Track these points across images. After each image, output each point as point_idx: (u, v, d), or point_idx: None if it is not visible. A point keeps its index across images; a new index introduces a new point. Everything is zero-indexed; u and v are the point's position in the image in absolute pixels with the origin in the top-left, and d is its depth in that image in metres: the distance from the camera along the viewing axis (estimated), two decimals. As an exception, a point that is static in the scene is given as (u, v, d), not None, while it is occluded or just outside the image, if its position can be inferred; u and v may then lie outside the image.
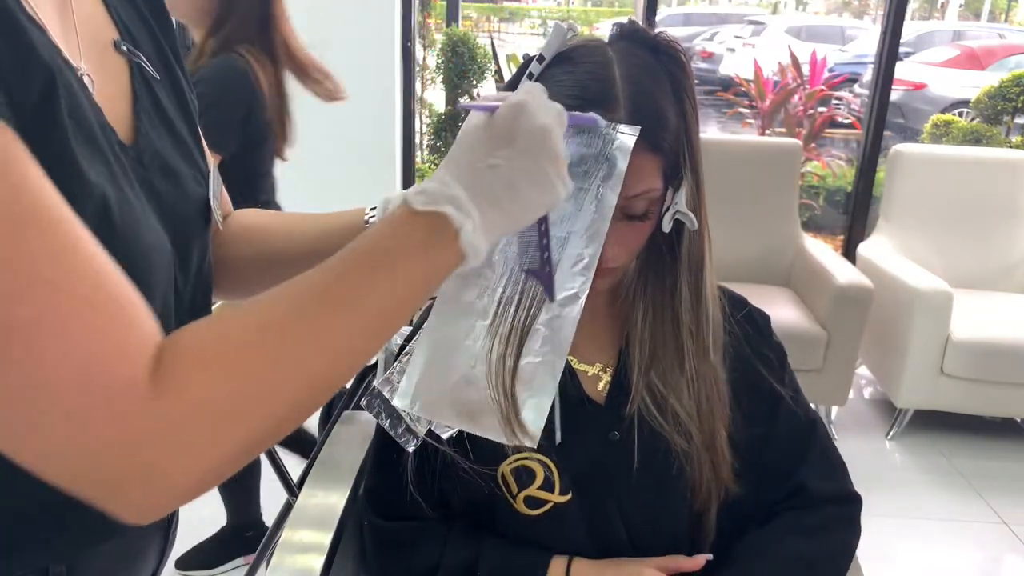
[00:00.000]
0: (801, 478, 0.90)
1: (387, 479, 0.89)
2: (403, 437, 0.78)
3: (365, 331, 0.52)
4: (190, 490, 0.47)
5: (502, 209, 0.57)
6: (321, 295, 0.51)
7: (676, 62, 0.77)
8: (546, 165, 0.58)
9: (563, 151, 0.60)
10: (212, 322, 0.50)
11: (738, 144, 3.24)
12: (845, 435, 2.83)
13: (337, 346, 0.50)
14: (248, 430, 0.48)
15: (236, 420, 0.47)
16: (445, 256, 0.54)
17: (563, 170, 0.60)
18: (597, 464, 0.85)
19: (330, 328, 0.50)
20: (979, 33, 9.77)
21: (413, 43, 3.32)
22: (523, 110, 0.58)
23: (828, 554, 0.88)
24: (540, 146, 0.58)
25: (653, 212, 0.77)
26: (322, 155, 3.15)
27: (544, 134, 0.58)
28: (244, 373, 0.47)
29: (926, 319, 2.64)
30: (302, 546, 0.88)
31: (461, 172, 0.57)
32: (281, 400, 0.49)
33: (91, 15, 0.62)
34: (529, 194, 0.58)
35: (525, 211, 0.59)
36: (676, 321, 0.84)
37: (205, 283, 0.71)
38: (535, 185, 0.58)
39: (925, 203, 3.12)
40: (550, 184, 0.58)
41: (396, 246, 0.53)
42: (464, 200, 0.54)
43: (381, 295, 0.52)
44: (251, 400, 0.47)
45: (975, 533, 2.35)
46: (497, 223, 0.57)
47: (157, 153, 0.63)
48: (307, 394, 0.50)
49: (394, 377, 0.75)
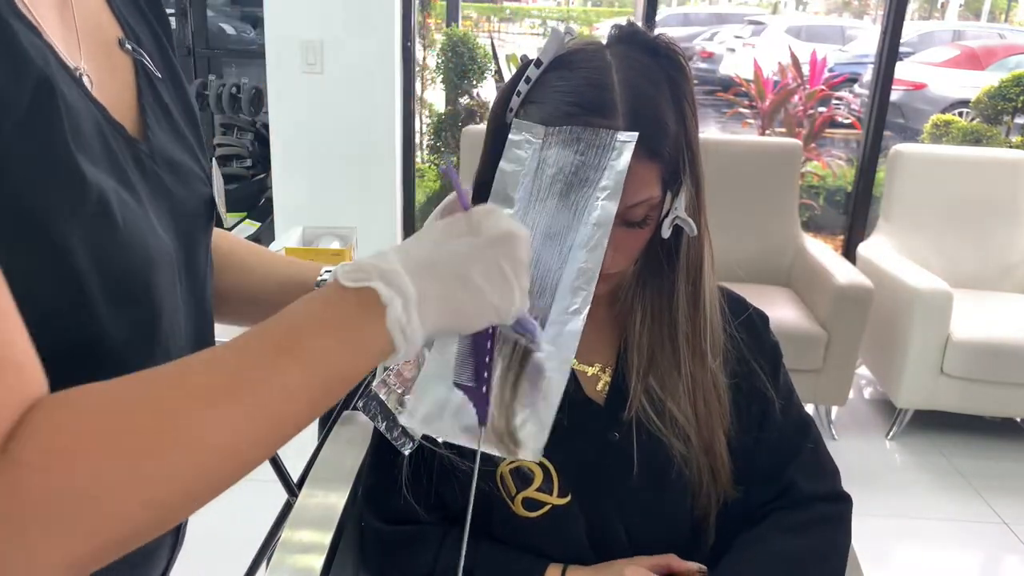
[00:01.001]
0: (791, 478, 0.90)
1: (384, 480, 0.89)
2: (399, 440, 0.78)
3: (257, 422, 0.45)
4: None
5: (446, 293, 0.50)
6: (206, 374, 0.45)
7: (676, 65, 0.77)
8: (505, 264, 0.52)
9: (528, 264, 0.55)
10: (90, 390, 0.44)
11: (738, 144, 3.24)
12: (845, 435, 2.83)
13: (231, 434, 0.44)
14: (95, 526, 0.42)
15: (88, 513, 0.41)
16: (371, 339, 0.48)
17: (524, 281, 0.54)
18: (596, 465, 0.85)
19: (213, 416, 0.44)
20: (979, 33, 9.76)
21: (413, 43, 3.32)
22: (494, 213, 0.55)
23: (816, 552, 0.88)
24: (504, 245, 0.53)
25: (652, 218, 0.77)
26: (322, 155, 3.15)
27: (512, 237, 0.53)
28: (97, 460, 0.41)
29: (926, 319, 2.64)
30: (302, 546, 0.88)
31: (407, 249, 0.52)
32: (141, 498, 0.42)
33: (94, 13, 0.62)
34: (482, 287, 0.51)
35: (474, 307, 0.52)
36: (674, 326, 0.84)
37: (206, 287, 0.71)
38: (490, 280, 0.52)
39: (925, 203, 3.12)
40: (507, 286, 0.52)
41: (309, 324, 0.47)
42: (399, 274, 0.48)
43: (282, 381, 0.45)
44: (102, 490, 0.41)
45: (975, 533, 2.35)
46: (439, 311, 0.50)
47: (164, 150, 0.63)
48: (178, 492, 0.44)
49: (390, 379, 0.75)
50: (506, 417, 0.66)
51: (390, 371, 0.76)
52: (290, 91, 3.11)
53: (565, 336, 0.66)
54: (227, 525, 2.10)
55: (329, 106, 3.10)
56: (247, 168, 3.85)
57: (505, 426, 0.66)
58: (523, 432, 0.65)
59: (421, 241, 0.54)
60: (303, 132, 3.15)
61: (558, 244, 0.68)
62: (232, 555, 1.97)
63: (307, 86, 3.08)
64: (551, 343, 0.67)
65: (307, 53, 3.04)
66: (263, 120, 3.72)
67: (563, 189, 0.70)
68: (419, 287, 0.49)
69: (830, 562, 0.89)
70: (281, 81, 3.10)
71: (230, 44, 4.86)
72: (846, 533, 0.90)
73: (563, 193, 0.70)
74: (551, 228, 0.68)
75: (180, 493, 0.44)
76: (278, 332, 0.47)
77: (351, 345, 0.48)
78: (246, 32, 4.96)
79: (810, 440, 0.92)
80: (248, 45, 4.80)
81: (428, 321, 0.50)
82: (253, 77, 3.87)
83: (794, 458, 0.91)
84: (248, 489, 0.73)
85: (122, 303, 0.54)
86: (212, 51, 4.52)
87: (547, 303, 0.68)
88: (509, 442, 0.65)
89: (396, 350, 0.49)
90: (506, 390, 0.67)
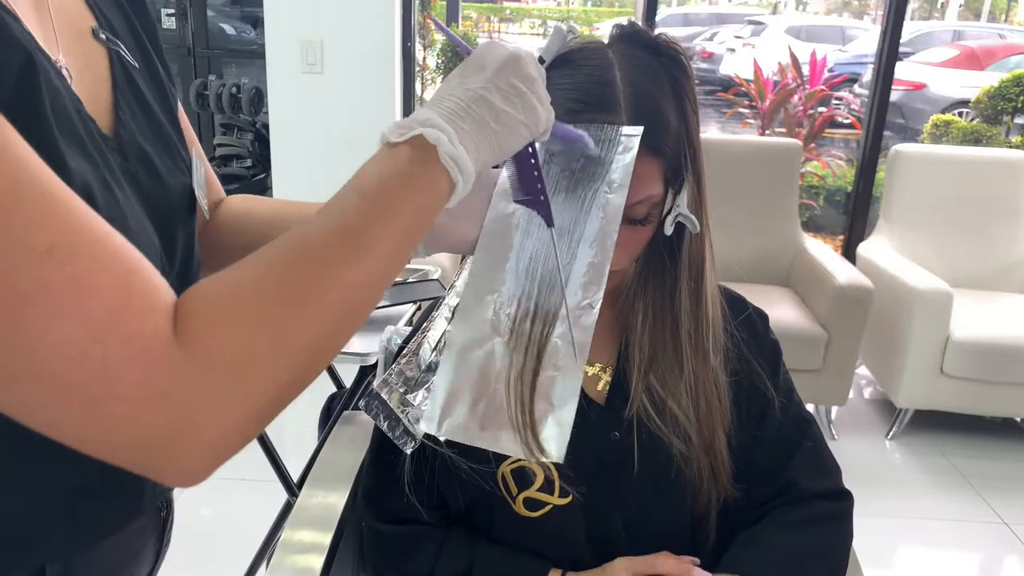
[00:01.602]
0: (792, 475, 0.90)
1: (385, 480, 0.89)
2: (401, 439, 0.78)
3: (373, 267, 0.52)
4: (225, 444, 0.47)
5: (480, 125, 0.57)
6: (324, 240, 0.50)
7: (677, 64, 0.77)
8: (519, 83, 0.59)
9: (538, 76, 0.61)
10: (223, 276, 0.49)
11: (738, 144, 3.24)
12: (845, 435, 2.83)
13: (351, 282, 0.50)
14: (273, 378, 0.48)
15: (259, 369, 0.47)
16: (432, 178, 0.54)
17: (540, 91, 0.60)
18: (597, 465, 0.85)
19: (337, 270, 0.50)
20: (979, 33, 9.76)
21: (413, 43, 3.32)
22: (493, 46, 0.61)
23: (817, 550, 0.88)
24: (511, 68, 0.59)
25: (654, 216, 0.77)
26: (322, 155, 3.15)
27: (514, 59, 0.59)
28: (261, 322, 0.47)
29: (926, 319, 2.64)
30: (302, 546, 0.88)
31: (434, 101, 0.58)
32: (300, 345, 0.49)
33: (67, 3, 0.62)
34: (506, 109, 0.58)
35: (506, 129, 0.58)
36: (675, 324, 0.83)
37: (192, 271, 0.71)
38: (509, 101, 0.58)
39: (925, 203, 3.12)
40: (528, 101, 0.59)
41: (379, 183, 0.53)
42: (435, 119, 0.55)
43: (384, 227, 0.52)
44: (271, 348, 0.47)
45: (975, 533, 2.35)
46: (478, 140, 0.57)
47: (138, 142, 0.62)
48: (329, 333, 0.50)
49: (392, 379, 0.75)
50: (528, 416, 0.66)
51: (391, 370, 0.76)
52: (290, 91, 3.10)
53: (579, 331, 0.66)
54: (227, 525, 2.10)
55: (329, 106, 3.10)
56: (247, 168, 3.86)
57: (528, 427, 0.66)
58: (544, 433, 0.65)
59: (442, 92, 0.59)
60: (303, 132, 3.15)
61: (567, 240, 0.68)
62: (232, 555, 1.97)
63: (307, 86, 3.08)
64: (563, 339, 0.67)
65: (307, 53, 3.05)
66: (263, 120, 3.72)
67: (570, 185, 0.70)
68: (454, 126, 0.55)
69: (831, 559, 0.89)
70: (281, 81, 3.10)
71: (230, 44, 4.86)
72: (847, 530, 0.90)
73: (570, 189, 0.70)
74: (559, 224, 0.68)
75: (325, 331, 0.50)
76: (359, 196, 0.52)
77: (419, 187, 0.54)
78: (246, 32, 4.96)
79: (811, 438, 0.92)
80: (248, 45, 4.80)
81: (471, 151, 0.56)
82: (253, 77, 3.88)
83: (795, 456, 0.91)
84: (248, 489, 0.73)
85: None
86: (212, 51, 4.53)
87: (558, 299, 0.68)
88: (533, 445, 0.65)
89: (455, 183, 0.55)
90: (524, 388, 0.67)
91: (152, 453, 0.46)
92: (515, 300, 0.69)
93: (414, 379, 0.75)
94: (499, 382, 0.68)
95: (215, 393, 0.45)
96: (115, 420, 0.44)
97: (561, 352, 0.67)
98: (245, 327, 0.47)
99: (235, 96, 3.65)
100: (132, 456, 0.46)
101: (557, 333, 0.68)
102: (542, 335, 0.68)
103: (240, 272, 0.49)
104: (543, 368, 0.67)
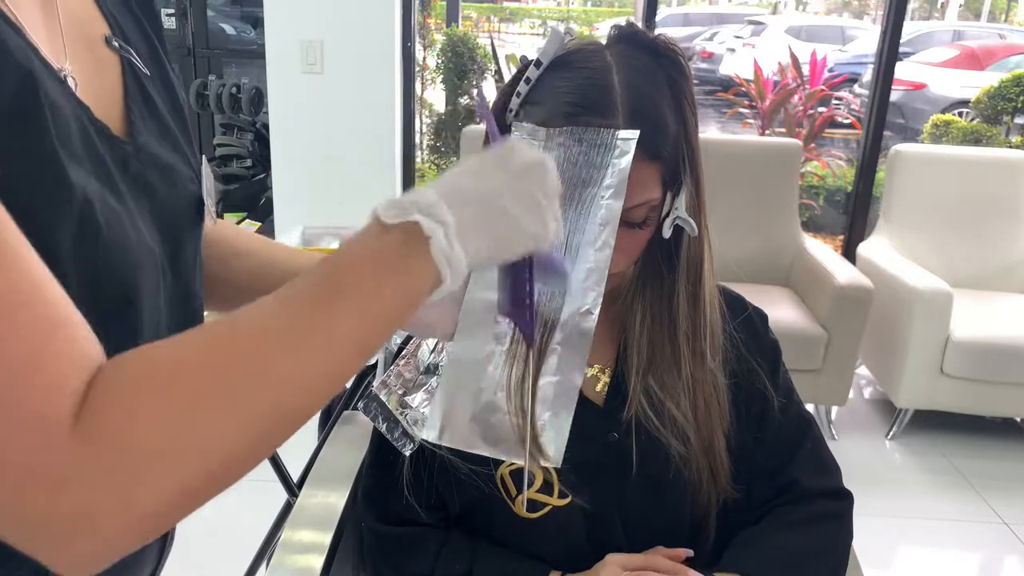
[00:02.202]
0: (792, 475, 0.90)
1: (384, 481, 0.89)
2: (399, 441, 0.78)
3: (324, 361, 0.46)
4: (126, 536, 0.43)
5: (486, 224, 0.51)
6: (272, 321, 0.46)
7: (676, 65, 0.77)
8: (537, 192, 0.54)
9: (557, 190, 0.56)
10: (157, 348, 0.45)
11: (738, 144, 3.24)
12: (845, 435, 2.83)
13: (288, 379, 0.45)
14: (183, 474, 0.43)
15: (167, 461, 0.42)
16: (417, 272, 0.49)
17: (555, 206, 0.56)
18: (596, 466, 0.85)
19: (278, 370, 0.44)
20: (979, 33, 9.76)
21: (413, 43, 3.32)
22: (521, 147, 0.56)
23: (817, 549, 0.88)
24: (536, 177, 0.54)
25: (652, 219, 0.77)
26: (322, 155, 3.15)
27: (540, 167, 0.55)
28: (175, 411, 0.42)
29: (926, 319, 2.64)
30: (302, 546, 0.88)
31: (441, 183, 0.52)
32: (220, 441, 0.43)
33: (80, 10, 0.62)
34: (518, 216, 0.53)
35: (513, 234, 0.54)
36: (673, 326, 0.83)
37: (198, 280, 0.70)
38: (525, 208, 0.53)
39: (925, 203, 3.12)
40: (542, 212, 0.54)
41: (356, 265, 0.48)
42: (438, 206, 0.49)
43: (343, 321, 0.46)
44: (183, 440, 0.42)
45: (975, 533, 2.35)
46: (479, 240, 0.51)
47: (150, 149, 0.62)
48: (254, 434, 0.45)
49: (391, 380, 0.75)
50: (528, 423, 0.67)
51: (390, 372, 0.76)
52: (290, 91, 3.10)
53: (579, 336, 0.67)
54: (227, 525, 2.10)
55: (329, 106, 3.10)
56: (247, 168, 3.85)
57: (528, 433, 0.67)
58: (544, 438, 0.66)
59: (454, 176, 0.54)
60: (303, 132, 3.15)
61: (564, 246, 0.68)
62: (232, 555, 1.96)
63: (307, 86, 3.08)
64: (563, 345, 0.67)
65: (307, 53, 3.04)
66: (263, 120, 3.72)
67: (567, 190, 0.70)
68: (458, 217, 0.49)
69: (832, 558, 0.89)
70: (281, 81, 3.10)
71: (230, 44, 4.86)
72: (848, 530, 0.91)
73: (567, 194, 0.70)
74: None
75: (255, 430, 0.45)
76: (326, 277, 0.47)
77: (399, 280, 0.48)
78: (246, 32, 4.97)
79: (810, 438, 0.92)
80: (248, 45, 4.81)
81: (470, 250, 0.50)
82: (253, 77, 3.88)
83: (795, 455, 0.91)
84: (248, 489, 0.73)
85: (101, 305, 0.53)
86: (212, 51, 4.53)
87: (557, 305, 0.68)
88: (533, 449, 0.66)
89: (443, 280, 0.49)
90: (525, 396, 0.67)
91: (43, 539, 0.42)
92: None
93: (412, 381, 0.75)
94: (500, 391, 0.68)
95: (112, 483, 0.41)
96: (5, 505, 0.41)
97: (561, 358, 0.67)
98: (154, 419, 0.42)
99: (235, 96, 3.64)
100: (19, 540, 0.42)
101: (557, 340, 0.68)
102: (542, 342, 0.68)
103: (173, 348, 0.45)
104: (543, 375, 0.67)
